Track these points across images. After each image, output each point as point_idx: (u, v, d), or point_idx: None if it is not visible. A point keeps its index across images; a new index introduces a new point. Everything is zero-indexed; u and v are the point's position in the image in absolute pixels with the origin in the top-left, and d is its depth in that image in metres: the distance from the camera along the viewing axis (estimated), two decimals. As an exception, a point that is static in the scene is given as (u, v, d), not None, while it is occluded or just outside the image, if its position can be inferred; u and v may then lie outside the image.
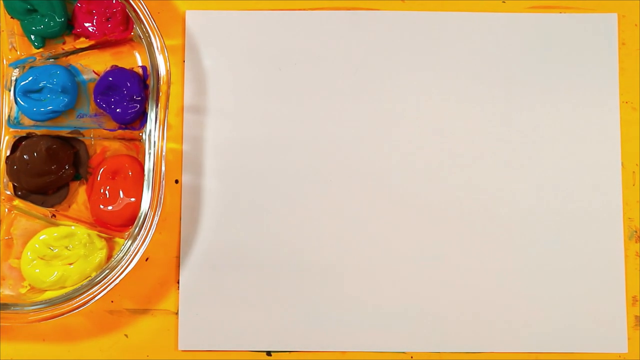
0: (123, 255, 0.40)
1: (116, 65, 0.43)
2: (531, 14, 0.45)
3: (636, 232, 0.44)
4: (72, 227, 0.42)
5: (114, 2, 0.42)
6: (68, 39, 0.44)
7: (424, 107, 0.44)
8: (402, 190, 0.42)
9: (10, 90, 0.43)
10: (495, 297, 0.43)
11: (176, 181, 0.44)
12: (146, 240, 0.40)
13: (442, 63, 0.44)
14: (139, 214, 0.40)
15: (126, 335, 0.43)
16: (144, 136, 0.42)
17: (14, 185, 0.43)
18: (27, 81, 0.42)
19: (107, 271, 0.40)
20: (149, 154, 0.40)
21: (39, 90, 0.42)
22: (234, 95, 0.44)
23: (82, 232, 0.42)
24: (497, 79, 0.44)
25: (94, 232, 0.42)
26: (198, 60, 0.44)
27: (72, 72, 0.43)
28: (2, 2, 0.43)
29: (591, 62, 0.44)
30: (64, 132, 0.43)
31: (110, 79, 0.42)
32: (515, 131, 0.44)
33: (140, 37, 0.41)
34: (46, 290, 0.41)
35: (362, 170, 0.44)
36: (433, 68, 0.44)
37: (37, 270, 0.41)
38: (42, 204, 0.43)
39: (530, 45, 0.44)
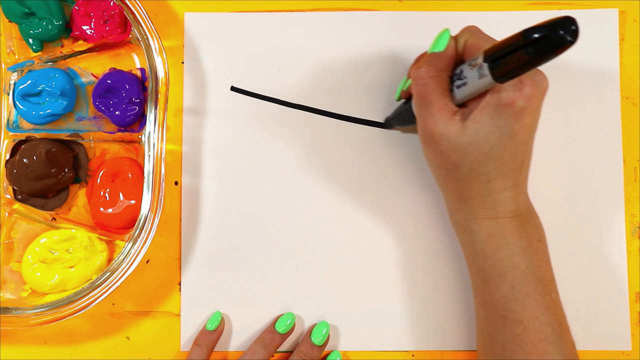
0: (124, 258, 0.40)
1: (114, 68, 0.43)
2: (531, 12, 0.44)
3: (638, 228, 0.43)
4: (73, 230, 0.42)
5: (111, 4, 0.42)
6: (66, 42, 0.44)
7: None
8: (401, 189, 0.42)
9: (9, 94, 0.43)
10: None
11: (176, 183, 0.44)
12: (147, 243, 0.40)
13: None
14: (139, 216, 0.40)
15: (128, 338, 0.43)
16: (143, 138, 0.42)
17: (13, 189, 0.43)
18: (25, 85, 0.42)
19: (108, 274, 0.40)
20: (149, 156, 0.40)
21: (38, 94, 0.42)
22: (233, 97, 0.44)
23: (82, 235, 0.42)
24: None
25: (94, 235, 0.42)
26: (197, 61, 0.44)
27: (70, 75, 0.43)
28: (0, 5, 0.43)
29: (591, 58, 0.44)
30: (63, 135, 0.43)
31: (109, 81, 0.42)
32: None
33: (138, 39, 0.41)
34: (47, 294, 0.42)
35: (363, 169, 0.43)
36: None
37: (38, 274, 0.41)
38: (42, 207, 0.43)
39: (530, 42, 0.44)
